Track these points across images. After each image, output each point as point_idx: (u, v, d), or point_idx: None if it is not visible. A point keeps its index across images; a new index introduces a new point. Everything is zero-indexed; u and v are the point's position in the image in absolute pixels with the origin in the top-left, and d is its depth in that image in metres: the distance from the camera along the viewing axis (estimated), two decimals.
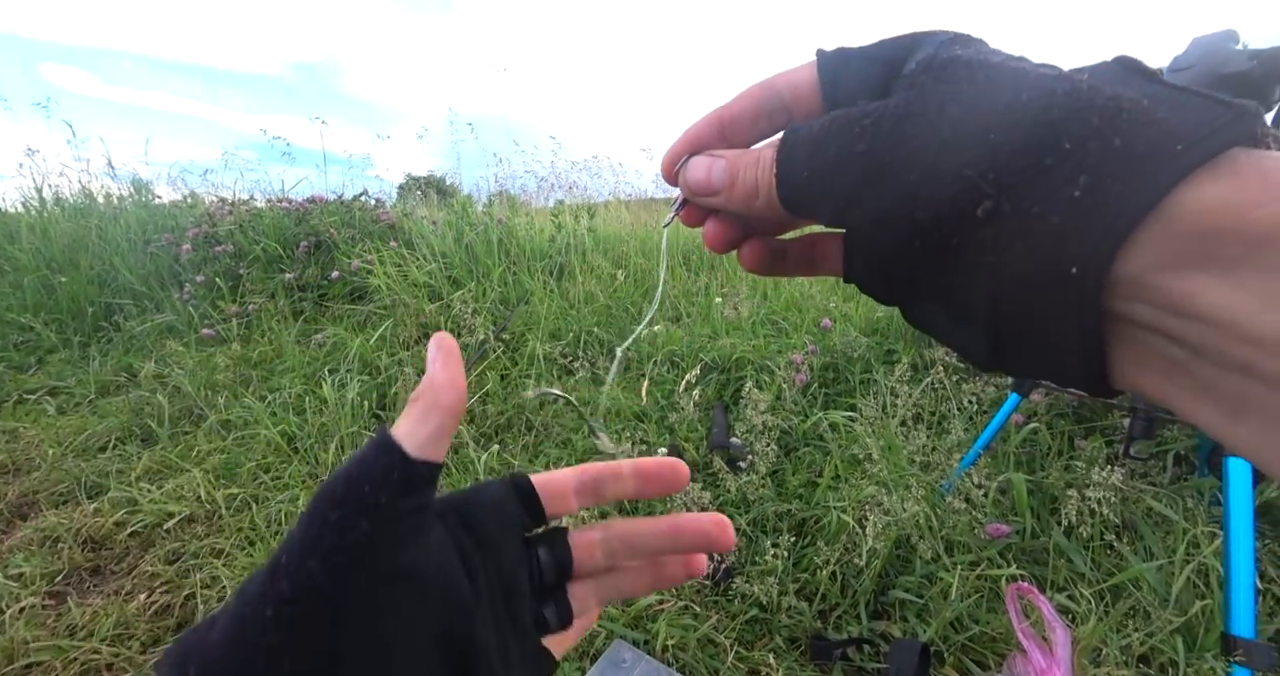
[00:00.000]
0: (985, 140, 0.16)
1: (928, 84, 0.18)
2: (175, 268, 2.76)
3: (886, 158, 0.18)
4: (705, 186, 0.23)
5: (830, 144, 0.19)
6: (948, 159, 0.17)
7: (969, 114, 0.17)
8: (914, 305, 0.20)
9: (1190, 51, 0.99)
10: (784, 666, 0.96)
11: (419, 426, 0.23)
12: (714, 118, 0.24)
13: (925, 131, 0.17)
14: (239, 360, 2.13)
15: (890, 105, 0.18)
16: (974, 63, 0.18)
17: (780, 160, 0.20)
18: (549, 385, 1.81)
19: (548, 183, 3.99)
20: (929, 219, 0.17)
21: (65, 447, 1.69)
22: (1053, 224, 0.15)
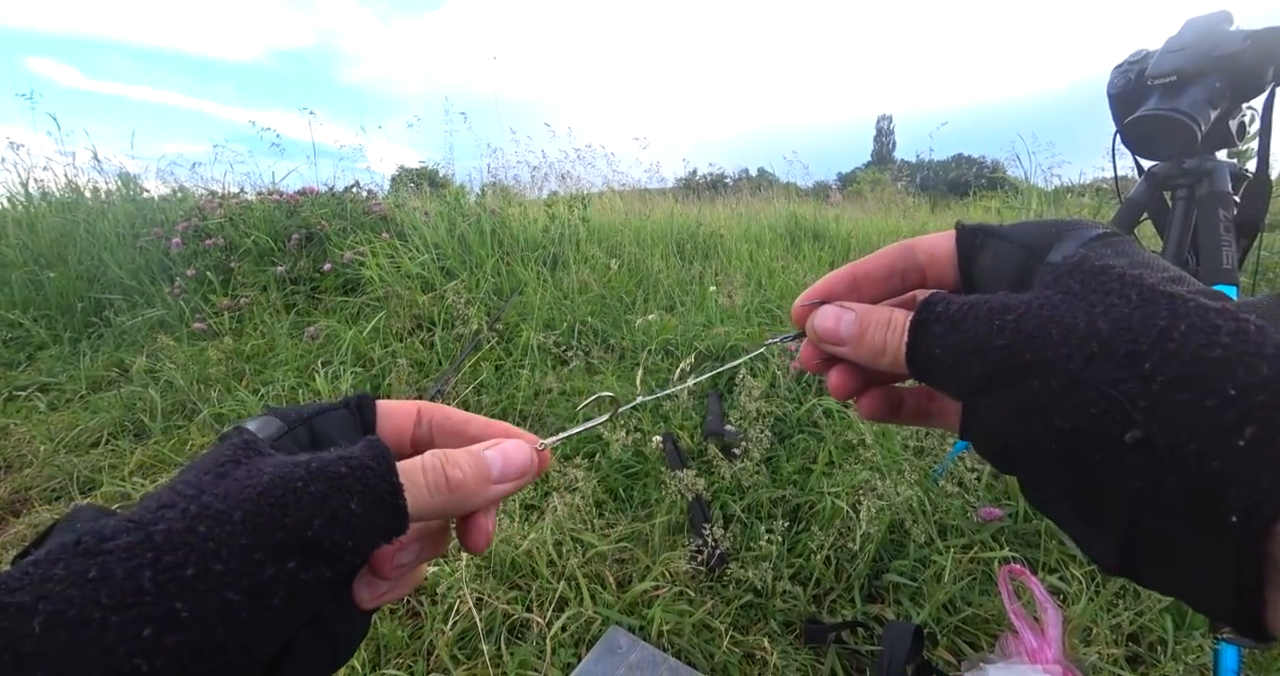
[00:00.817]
0: (1138, 366, 0.16)
1: (1076, 289, 0.19)
2: (165, 262, 2.74)
3: (1028, 357, 0.18)
4: (833, 335, 0.24)
5: (970, 329, 0.19)
6: (1095, 374, 0.17)
7: (1120, 333, 0.17)
8: (1036, 487, 0.20)
9: (1184, 32, 0.98)
10: (779, 650, 0.97)
11: (424, 498, 0.21)
12: (849, 271, 0.25)
13: (1072, 340, 0.17)
14: (231, 354, 2.11)
15: (1035, 304, 0.19)
16: (1128, 278, 0.18)
17: (914, 330, 0.21)
18: (542, 376, 1.81)
19: (541, 172, 3.97)
20: (1069, 429, 0.17)
21: (57, 444, 1.68)
22: (1212, 467, 0.15)
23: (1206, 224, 0.97)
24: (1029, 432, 0.18)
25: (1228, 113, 0.97)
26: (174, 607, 0.16)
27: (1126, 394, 0.16)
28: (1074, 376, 0.17)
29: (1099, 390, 0.16)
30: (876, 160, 41.06)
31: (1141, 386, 0.16)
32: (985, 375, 0.19)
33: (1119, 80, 1.05)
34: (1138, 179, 1.11)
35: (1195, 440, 0.15)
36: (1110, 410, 0.16)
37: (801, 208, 4.02)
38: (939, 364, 0.21)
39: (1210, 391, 0.15)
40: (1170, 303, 0.17)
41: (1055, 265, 0.20)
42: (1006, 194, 3.46)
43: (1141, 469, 0.16)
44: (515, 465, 0.24)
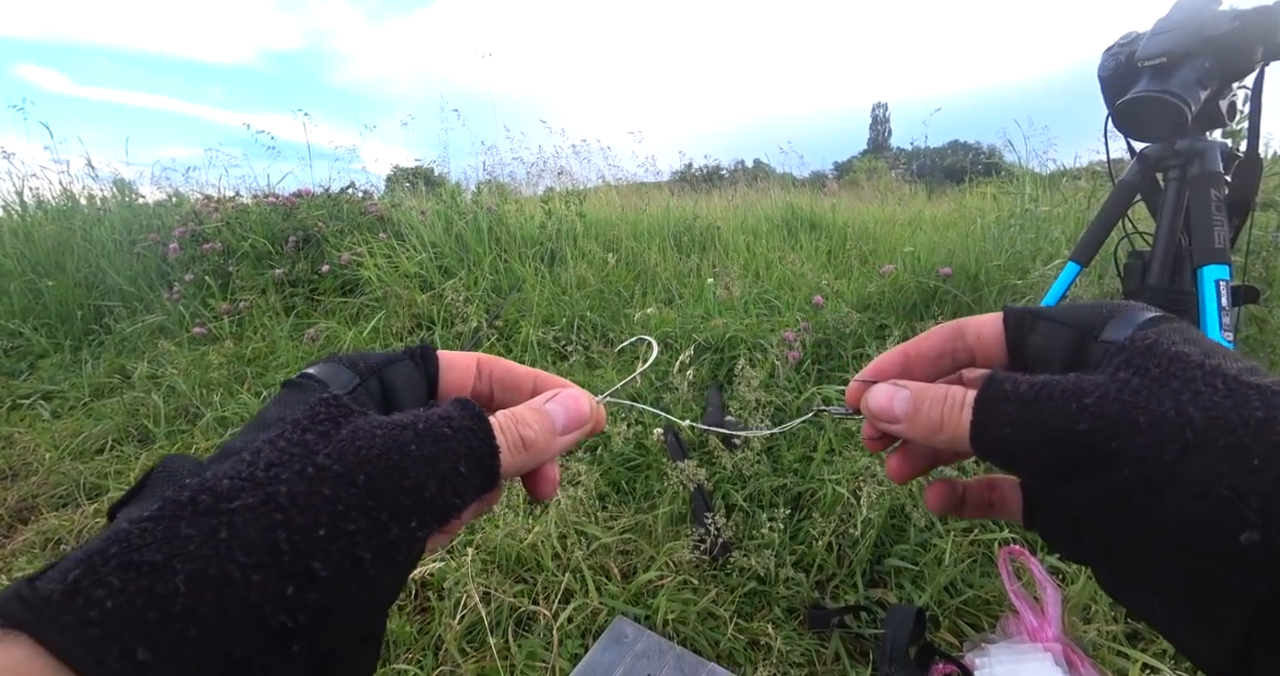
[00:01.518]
0: (1243, 459, 0.15)
1: (1155, 374, 0.18)
2: (163, 267, 2.74)
3: (1113, 445, 0.17)
4: (887, 413, 0.24)
5: (1043, 410, 0.18)
6: (1193, 466, 0.16)
7: (1215, 422, 0.16)
8: (1122, 583, 0.19)
9: (1173, 13, 0.98)
10: (782, 635, 0.98)
11: (515, 456, 0.22)
12: (900, 352, 0.26)
13: (1162, 429, 0.16)
14: (232, 357, 2.12)
15: (1113, 387, 0.18)
16: (1206, 366, 0.17)
17: (979, 408, 0.20)
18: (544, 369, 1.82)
19: (537, 169, 3.96)
20: (1175, 528, 0.16)
21: (62, 451, 1.69)
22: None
23: (1198, 204, 0.97)
24: (1121, 528, 0.17)
25: (1218, 93, 0.97)
26: (312, 567, 0.16)
27: (1235, 490, 0.15)
28: (1171, 469, 0.16)
29: (1204, 485, 0.15)
30: (873, 148, 40.93)
31: (1250, 482, 0.15)
32: (1067, 461, 0.18)
33: (1109, 63, 1.06)
34: (1130, 161, 1.11)
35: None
36: (1220, 507, 0.15)
37: (798, 198, 4.01)
38: (1009, 444, 0.20)
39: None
40: (1261, 394, 0.16)
41: (1123, 346, 0.19)
42: (1002, 179, 3.45)
43: (1261, 574, 0.15)
44: (578, 415, 0.25)
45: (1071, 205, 2.52)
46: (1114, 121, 1.02)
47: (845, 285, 2.31)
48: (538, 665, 0.94)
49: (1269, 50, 0.91)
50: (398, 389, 0.24)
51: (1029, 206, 2.61)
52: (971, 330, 0.25)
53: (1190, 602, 0.17)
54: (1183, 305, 1.04)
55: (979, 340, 0.24)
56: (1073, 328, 0.22)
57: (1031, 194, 2.74)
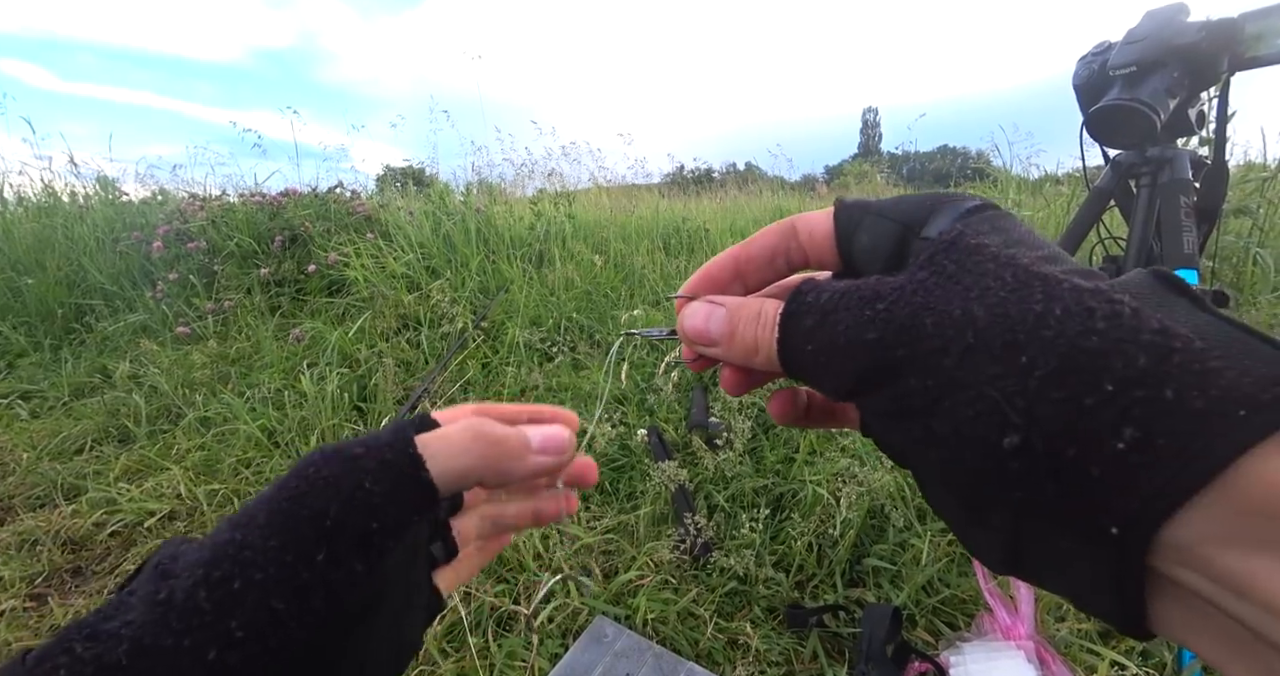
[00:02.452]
0: (1016, 358, 0.15)
1: (951, 270, 0.17)
2: (146, 266, 2.71)
3: (900, 352, 0.16)
4: (703, 336, 0.22)
5: (840, 322, 0.18)
6: (970, 370, 0.15)
7: (998, 319, 0.15)
8: (928, 489, 0.19)
9: (1144, 23, 1.00)
10: (761, 635, 0.99)
11: (460, 457, 0.20)
12: (730, 255, 0.24)
13: (946, 331, 0.16)
14: (216, 357, 2.10)
15: (909, 289, 0.17)
16: (1002, 258, 0.17)
17: (784, 324, 0.19)
18: (528, 373, 1.82)
19: (526, 170, 3.96)
20: (948, 433, 0.16)
21: (40, 451, 1.67)
22: (1091, 475, 0.13)
23: (1168, 210, 1.00)
24: (909, 436, 0.17)
25: (1187, 102, 1.00)
26: (230, 627, 0.16)
27: (1004, 392, 0.15)
28: (949, 373, 0.15)
29: (976, 389, 0.15)
30: (863, 152, 41.23)
31: (1019, 383, 0.14)
32: (858, 374, 0.17)
33: (1083, 71, 1.08)
34: (1106, 168, 1.13)
35: (1073, 444, 0.14)
36: (988, 412, 0.15)
37: (787, 201, 4.04)
38: (812, 363, 0.19)
39: (1088, 388, 0.14)
40: (1045, 284, 0.15)
41: (930, 242, 0.18)
42: (988, 184, 3.50)
43: (1021, 477, 0.14)
44: (554, 439, 0.23)
45: (1053, 209, 2.56)
46: (1087, 129, 1.04)
47: None
48: (517, 664, 0.94)
49: (1234, 60, 0.93)
50: None
51: (1012, 211, 2.65)
52: (804, 227, 0.22)
53: (968, 508, 0.17)
54: None
55: (811, 239, 0.22)
56: (897, 222, 0.20)
57: (1015, 198, 2.78)
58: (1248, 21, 0.91)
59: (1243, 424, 0.12)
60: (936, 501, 0.19)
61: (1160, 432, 0.13)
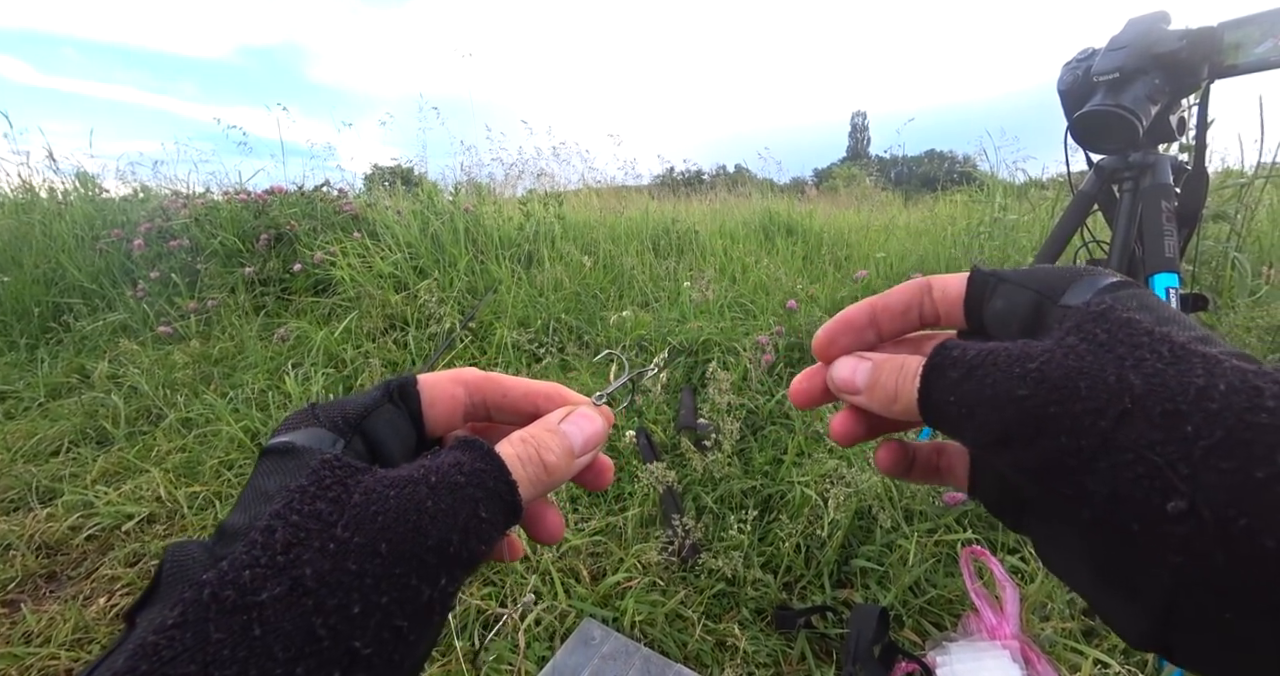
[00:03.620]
0: (1178, 428, 0.15)
1: (1102, 339, 0.17)
2: (127, 264, 2.66)
3: (1053, 410, 0.17)
4: (849, 385, 0.24)
5: (988, 376, 0.18)
6: (1129, 434, 0.15)
7: (1155, 389, 0.16)
8: (1054, 551, 0.19)
9: (1126, 31, 1.02)
10: (749, 636, 0.99)
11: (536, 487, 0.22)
12: (868, 304, 0.25)
13: (1101, 395, 0.16)
14: (199, 357, 2.07)
15: (1058, 352, 0.18)
16: (1155, 333, 0.17)
17: (927, 375, 0.20)
18: (516, 373, 1.81)
19: (516, 170, 3.95)
20: (1104, 494, 0.16)
21: (14, 453, 1.63)
22: (1265, 546, 0.13)
23: (1150, 214, 1.01)
24: (1054, 494, 0.17)
25: (1168, 108, 1.01)
26: (354, 647, 0.16)
27: (1166, 458, 0.15)
28: (1105, 435, 0.16)
29: (1136, 452, 0.15)
30: (852, 156, 41.57)
31: (1182, 450, 0.14)
32: (1004, 427, 0.18)
33: (1068, 77, 1.09)
34: (1090, 173, 1.15)
35: (1245, 515, 0.14)
36: (1149, 475, 0.15)
37: (776, 203, 4.06)
38: (953, 411, 0.19)
39: (1259, 460, 0.14)
40: (1205, 362, 0.16)
41: (1076, 310, 0.19)
42: (974, 188, 3.54)
43: (1185, 543, 0.14)
44: (594, 435, 0.24)
45: (1039, 214, 2.59)
46: (1071, 133, 1.06)
47: (819, 289, 2.34)
48: (504, 667, 0.93)
49: (1214, 68, 0.95)
50: (382, 441, 0.23)
51: (999, 215, 2.68)
52: (939, 287, 0.24)
53: (1114, 573, 0.17)
54: None
55: (944, 297, 0.24)
56: (1033, 291, 0.21)
57: (1001, 203, 2.81)
58: (1226, 31, 0.93)
59: None
60: (1063, 567, 0.19)
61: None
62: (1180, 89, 0.99)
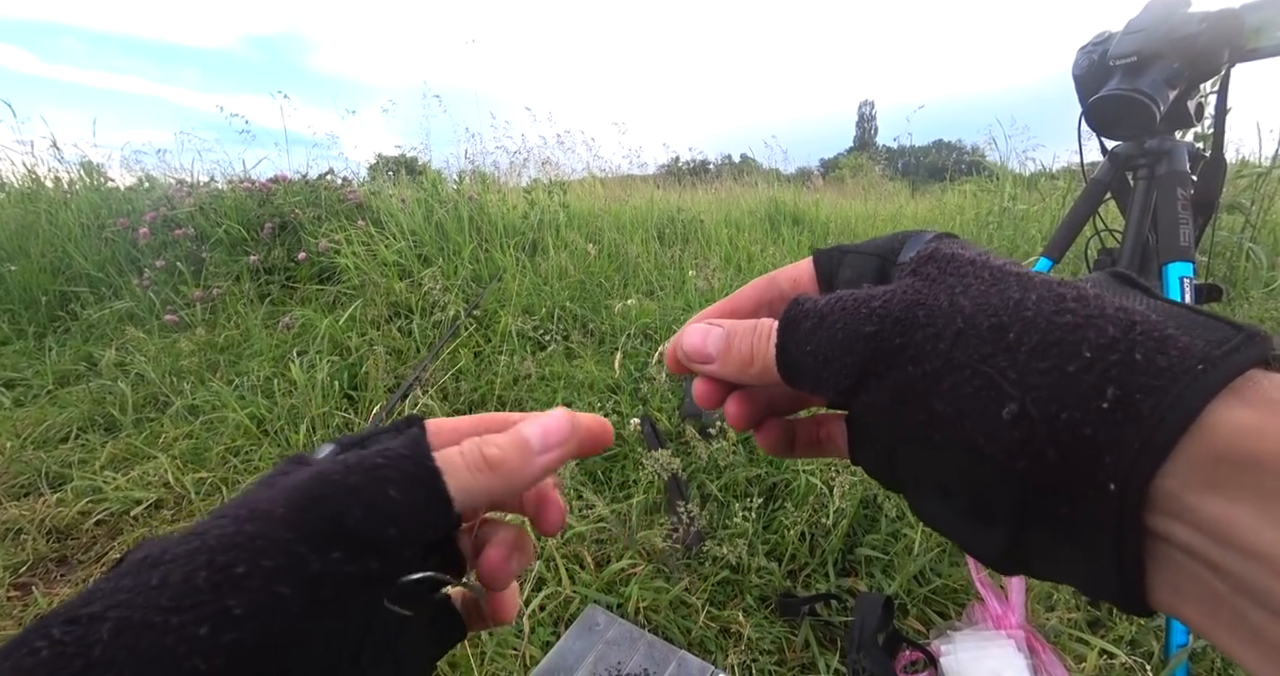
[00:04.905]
0: (1003, 337, 0.16)
1: (934, 275, 0.19)
2: (133, 253, 2.67)
3: (897, 341, 0.18)
4: (700, 352, 0.23)
5: (837, 321, 0.19)
6: (963, 351, 0.17)
7: (981, 307, 0.17)
8: (921, 496, 0.20)
9: (1144, 14, 1.00)
10: (753, 623, 0.99)
11: (476, 476, 0.20)
12: (718, 308, 0.26)
13: (938, 320, 0.17)
14: (204, 345, 2.08)
15: (899, 290, 0.19)
16: (977, 261, 0.19)
17: (782, 330, 0.21)
18: (520, 361, 1.80)
19: (520, 158, 3.92)
20: (950, 413, 0.17)
21: (24, 440, 1.64)
22: (1084, 433, 0.14)
23: (1165, 203, 0.99)
24: (910, 425, 0.18)
25: (1186, 93, 0.99)
26: (228, 605, 0.16)
27: (997, 367, 0.16)
28: (945, 356, 0.17)
29: (971, 367, 0.16)
30: (859, 146, 41.20)
31: (1009, 358, 0.16)
32: (858, 367, 0.18)
33: (1083, 61, 1.07)
34: (1103, 160, 1.13)
35: (1065, 408, 0.15)
36: (985, 387, 0.16)
37: (782, 193, 4.03)
38: (809, 361, 0.20)
39: (1069, 356, 0.15)
40: (1019, 279, 0.17)
41: (910, 258, 0.20)
42: (983, 178, 3.50)
43: (1023, 445, 0.15)
44: (556, 431, 0.23)
45: (1048, 204, 2.56)
46: (1086, 119, 1.04)
47: None
48: (508, 653, 0.94)
49: (1235, 52, 0.92)
50: None
51: (1008, 205, 2.65)
52: (786, 277, 0.25)
53: (967, 494, 0.17)
54: None
55: (794, 285, 0.25)
56: (874, 254, 0.23)
57: (1011, 193, 2.78)
58: (1249, 13, 0.90)
59: (1202, 377, 0.14)
60: (931, 509, 0.20)
61: (1137, 389, 0.14)
62: (1199, 73, 0.96)
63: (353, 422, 1.63)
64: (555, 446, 0.22)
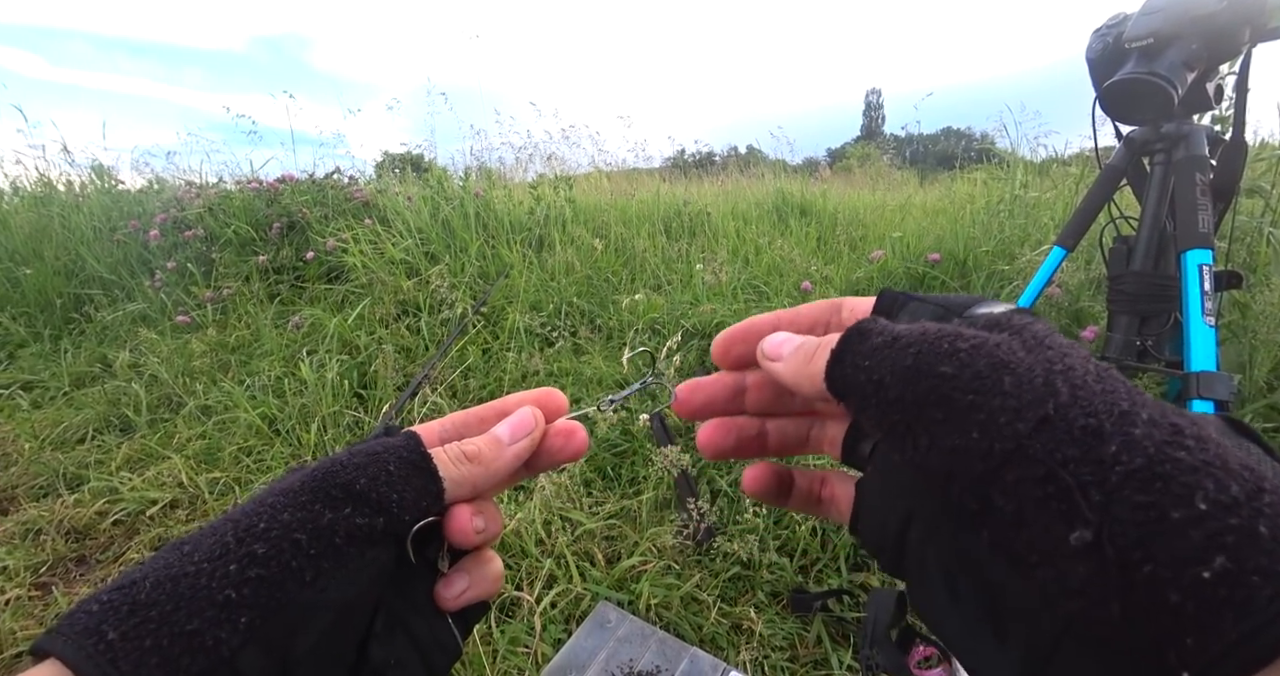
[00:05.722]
0: (1097, 447, 0.13)
1: (1032, 344, 0.16)
2: (144, 255, 2.70)
3: (970, 398, 0.15)
4: (775, 351, 0.23)
5: (911, 346, 0.17)
6: (1044, 444, 0.14)
7: (1080, 401, 0.14)
8: (926, 588, 0.18)
9: None
10: (765, 619, 0.99)
11: (459, 466, 0.23)
12: (775, 317, 0.25)
13: (1024, 394, 0.15)
14: (216, 345, 2.10)
15: (993, 342, 0.16)
16: (1079, 351, 0.16)
17: (845, 338, 0.19)
18: (529, 358, 1.81)
19: (526, 153, 3.91)
20: (1008, 513, 0.14)
21: (42, 441, 1.67)
22: (1168, 600, 0.12)
23: (1183, 188, 0.97)
24: (954, 510, 0.15)
25: (1205, 75, 0.97)
26: (253, 549, 0.19)
27: (1079, 478, 0.13)
28: (1020, 441, 0.14)
29: (1047, 466, 0.14)
30: (866, 135, 40.76)
31: (1098, 473, 0.13)
32: (916, 404, 0.16)
33: (1097, 45, 1.04)
34: (1118, 146, 1.10)
35: (1152, 560, 0.12)
36: (1058, 497, 0.13)
37: (789, 184, 3.99)
38: (861, 378, 0.18)
39: (1177, 499, 0.12)
40: (1128, 389, 0.15)
41: (998, 316, 0.18)
42: (993, 166, 3.44)
43: (1084, 584, 0.13)
44: (521, 425, 0.26)
45: (1061, 191, 2.51)
46: (1101, 104, 1.01)
47: (834, 271, 2.31)
48: (520, 650, 0.94)
49: (1256, 32, 0.90)
50: None
51: (1019, 192, 2.60)
52: (849, 307, 0.25)
53: (990, 614, 0.15)
54: (1166, 290, 1.04)
55: (853, 316, 0.24)
56: (938, 305, 0.22)
57: (1022, 180, 2.73)
58: None
59: None
60: (936, 613, 0.17)
61: (1255, 569, 0.11)
62: (1219, 54, 0.94)
63: (363, 421, 1.64)
64: (523, 436, 0.25)
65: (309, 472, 0.21)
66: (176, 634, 0.17)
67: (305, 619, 0.19)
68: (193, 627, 0.17)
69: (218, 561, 0.18)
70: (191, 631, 0.17)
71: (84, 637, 0.17)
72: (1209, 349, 0.87)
